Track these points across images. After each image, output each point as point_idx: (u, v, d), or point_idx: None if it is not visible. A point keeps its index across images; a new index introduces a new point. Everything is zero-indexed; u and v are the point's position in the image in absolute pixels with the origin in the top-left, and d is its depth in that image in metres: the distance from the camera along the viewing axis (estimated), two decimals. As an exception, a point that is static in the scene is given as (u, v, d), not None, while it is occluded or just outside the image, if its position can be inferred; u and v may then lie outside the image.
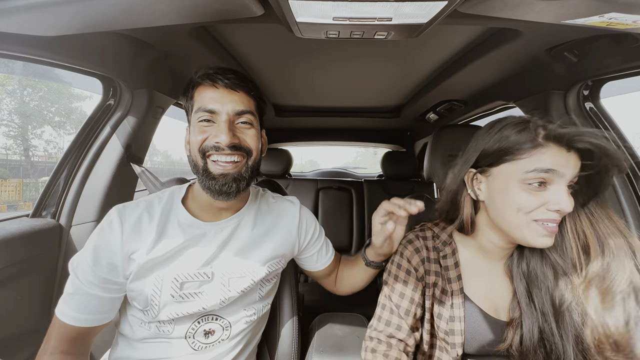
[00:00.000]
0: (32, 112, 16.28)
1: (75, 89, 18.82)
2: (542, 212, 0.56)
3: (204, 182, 0.68)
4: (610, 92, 1.00)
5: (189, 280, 0.71)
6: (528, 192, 0.57)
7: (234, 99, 0.69)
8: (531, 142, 0.56)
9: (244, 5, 0.60)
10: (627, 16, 0.52)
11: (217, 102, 0.68)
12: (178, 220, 0.73)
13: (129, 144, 1.07)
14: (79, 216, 1.02)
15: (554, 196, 0.55)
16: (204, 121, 0.68)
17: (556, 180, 0.55)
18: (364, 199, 2.27)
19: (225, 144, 0.66)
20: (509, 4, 0.55)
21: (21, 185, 8.97)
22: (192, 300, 0.71)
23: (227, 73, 0.69)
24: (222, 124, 0.67)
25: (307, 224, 0.88)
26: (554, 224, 0.56)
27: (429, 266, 0.71)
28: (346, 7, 0.56)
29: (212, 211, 0.75)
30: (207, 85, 0.69)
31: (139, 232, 0.69)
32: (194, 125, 0.70)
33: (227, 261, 0.74)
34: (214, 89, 0.69)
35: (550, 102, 1.02)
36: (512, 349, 0.63)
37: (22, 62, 0.77)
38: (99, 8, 0.55)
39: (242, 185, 0.70)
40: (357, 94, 1.66)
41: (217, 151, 0.67)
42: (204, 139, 0.68)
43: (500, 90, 1.27)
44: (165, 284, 0.69)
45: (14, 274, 0.82)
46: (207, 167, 0.68)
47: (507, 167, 0.59)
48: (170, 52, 0.99)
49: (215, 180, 0.67)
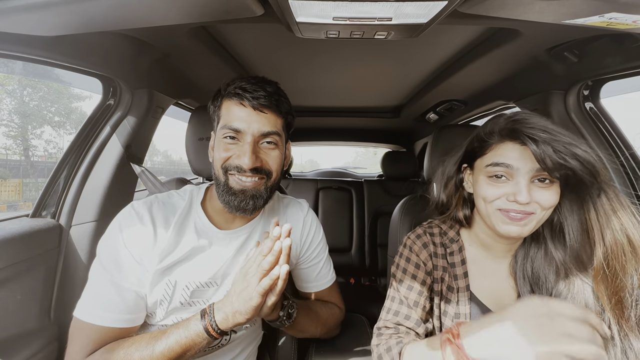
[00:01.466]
0: (32, 112, 16.28)
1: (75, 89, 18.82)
2: (503, 202, 0.61)
3: (223, 196, 0.69)
4: (610, 92, 1.00)
5: (200, 288, 0.71)
6: (489, 184, 0.62)
7: (261, 119, 0.68)
8: (493, 139, 0.63)
9: (244, 5, 0.60)
10: (627, 16, 0.52)
11: (243, 122, 0.67)
12: (195, 223, 0.72)
13: (129, 143, 1.07)
14: (79, 216, 1.01)
15: (512, 188, 0.59)
16: (229, 138, 0.68)
17: (515, 173, 0.59)
18: (364, 199, 2.27)
19: (248, 167, 0.66)
20: (509, 3, 0.55)
21: (21, 185, 8.97)
22: (199, 307, 0.71)
23: (257, 90, 0.67)
24: (246, 146, 0.66)
25: (310, 229, 0.86)
26: (517, 214, 0.59)
27: (437, 261, 0.72)
28: (346, 7, 0.56)
29: (227, 217, 0.75)
30: (235, 102, 0.68)
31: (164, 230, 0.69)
32: (219, 140, 0.70)
33: (235, 270, 0.74)
34: (242, 107, 0.67)
35: (550, 102, 1.02)
36: None
37: (22, 62, 0.77)
38: (99, 8, 0.55)
39: (260, 203, 0.70)
40: (357, 94, 1.66)
41: (239, 172, 0.67)
42: (227, 157, 0.68)
43: (500, 90, 1.27)
44: (177, 291, 0.69)
45: (14, 274, 0.82)
46: (227, 183, 0.69)
47: (479, 162, 0.66)
48: (170, 52, 0.99)
49: (235, 196, 0.68)
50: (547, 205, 0.59)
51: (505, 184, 0.60)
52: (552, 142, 0.55)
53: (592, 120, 1.01)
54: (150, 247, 0.67)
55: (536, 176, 0.59)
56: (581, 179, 0.56)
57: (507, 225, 0.61)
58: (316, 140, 2.67)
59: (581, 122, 1.01)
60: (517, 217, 0.59)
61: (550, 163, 0.54)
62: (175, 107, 1.28)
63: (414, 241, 0.75)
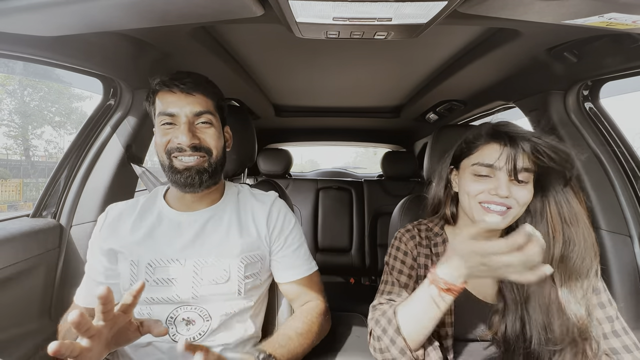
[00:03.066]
0: (32, 112, 16.29)
1: (76, 89, 18.82)
2: (485, 195, 0.68)
3: (170, 177, 0.76)
4: (610, 92, 1.00)
5: (162, 266, 0.76)
6: (474, 180, 0.71)
7: (191, 101, 0.75)
8: (479, 141, 0.72)
9: (244, 6, 0.60)
10: (626, 16, 0.52)
11: (175, 106, 0.74)
12: (158, 211, 0.81)
13: (130, 144, 1.07)
14: (79, 216, 1.02)
15: (494, 184, 0.67)
16: (166, 124, 0.75)
17: (497, 172, 0.67)
18: (364, 199, 2.27)
19: (186, 144, 0.73)
20: (509, 4, 0.55)
21: (21, 185, 8.98)
22: (165, 286, 0.75)
23: (183, 78, 0.75)
24: (182, 126, 0.73)
25: (278, 217, 0.85)
26: (497, 206, 0.67)
27: (421, 249, 0.82)
28: (346, 7, 0.56)
29: (185, 202, 0.82)
30: (165, 91, 0.75)
31: (119, 222, 0.80)
32: (157, 129, 0.77)
33: (199, 250, 0.78)
34: (172, 94, 0.75)
35: (550, 102, 1.02)
36: (497, 336, 0.70)
37: (22, 62, 0.77)
38: (99, 8, 0.56)
39: (205, 178, 0.76)
40: (357, 94, 1.66)
41: (180, 152, 0.74)
42: (168, 141, 0.75)
43: (500, 90, 1.27)
44: (140, 269, 0.75)
45: (14, 274, 0.82)
46: (172, 164, 0.75)
47: (465, 162, 0.74)
48: (170, 52, 0.99)
49: (180, 174, 0.75)
50: (523, 201, 0.67)
51: (488, 181, 0.69)
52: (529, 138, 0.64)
53: (592, 120, 1.01)
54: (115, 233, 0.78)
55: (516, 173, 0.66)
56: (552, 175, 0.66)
57: (486, 216, 0.69)
58: (316, 141, 2.67)
59: (581, 122, 1.01)
60: (497, 209, 0.68)
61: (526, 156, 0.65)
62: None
63: (403, 234, 0.84)
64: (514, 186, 0.66)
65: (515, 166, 0.65)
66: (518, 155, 0.65)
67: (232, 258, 0.78)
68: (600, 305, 0.70)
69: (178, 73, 0.77)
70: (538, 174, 0.68)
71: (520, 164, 0.65)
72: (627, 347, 0.66)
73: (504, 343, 0.69)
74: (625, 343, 0.67)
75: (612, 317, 0.69)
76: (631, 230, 0.93)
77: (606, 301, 0.70)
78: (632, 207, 0.95)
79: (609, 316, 0.69)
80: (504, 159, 0.66)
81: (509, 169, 0.65)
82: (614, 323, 0.68)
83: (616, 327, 0.68)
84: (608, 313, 0.69)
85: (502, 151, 0.67)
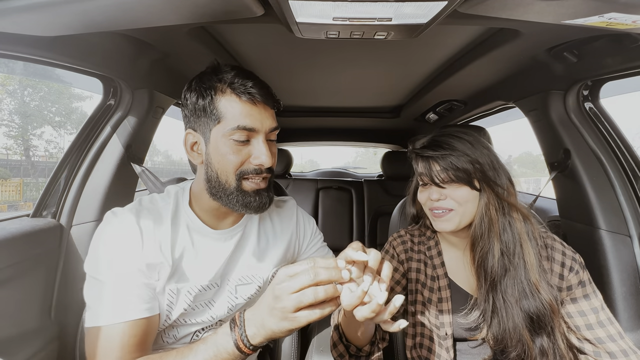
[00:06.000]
0: (32, 112, 16.28)
1: (76, 89, 18.83)
2: (430, 203, 0.75)
3: (237, 199, 0.65)
4: (610, 92, 1.00)
5: (202, 292, 0.69)
6: (420, 191, 0.79)
7: (269, 115, 0.66)
8: (411, 157, 0.79)
9: (244, 5, 0.60)
10: (626, 16, 0.52)
11: (256, 120, 0.63)
12: (188, 226, 0.70)
13: (130, 143, 1.07)
14: (80, 216, 1.02)
15: (430, 190, 0.74)
16: (239, 141, 0.63)
17: (425, 179, 0.75)
18: (364, 199, 2.27)
19: (268, 165, 0.64)
20: (509, 4, 0.55)
21: (22, 185, 8.98)
22: (202, 310, 0.71)
23: (260, 87, 0.64)
24: (263, 145, 0.64)
25: (305, 223, 0.88)
26: (439, 211, 0.74)
27: (412, 254, 0.85)
28: (346, 7, 0.56)
29: (217, 216, 0.72)
30: (244, 100, 0.63)
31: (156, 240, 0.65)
32: (224, 142, 0.63)
33: (235, 269, 0.74)
34: (253, 106, 0.63)
35: (550, 102, 1.02)
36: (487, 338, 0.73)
37: (22, 62, 0.77)
38: (99, 8, 0.56)
39: (270, 197, 0.70)
40: (357, 94, 1.66)
41: (258, 174, 0.65)
42: (242, 162, 0.64)
43: (500, 90, 1.27)
44: (180, 297, 0.67)
45: (14, 274, 0.82)
46: (241, 186, 0.65)
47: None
48: (170, 52, 0.99)
49: (254, 198, 0.66)
50: (460, 199, 0.72)
51: (427, 190, 0.76)
52: (436, 156, 0.72)
53: (592, 120, 1.01)
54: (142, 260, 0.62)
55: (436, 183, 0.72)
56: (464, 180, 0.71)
57: (435, 222, 0.75)
58: (316, 140, 2.67)
59: (581, 122, 1.01)
60: (438, 213, 0.74)
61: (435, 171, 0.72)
62: (175, 107, 1.28)
63: (395, 238, 0.88)
64: (448, 189, 0.72)
65: (431, 176, 0.72)
66: (432, 165, 0.73)
67: (266, 271, 0.77)
68: (585, 297, 0.72)
69: (251, 78, 0.65)
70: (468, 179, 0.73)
71: (436, 173, 0.72)
72: (612, 336, 0.69)
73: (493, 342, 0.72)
74: (610, 333, 0.69)
75: (597, 309, 0.71)
76: (631, 230, 0.93)
77: (591, 293, 0.73)
78: (632, 207, 0.95)
79: (594, 307, 0.71)
80: (424, 170, 0.74)
81: (430, 177, 0.73)
82: (599, 314, 0.71)
83: (601, 317, 0.71)
84: (593, 304, 0.71)
85: (422, 163, 0.75)
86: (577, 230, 1.05)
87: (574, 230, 1.06)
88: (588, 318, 0.71)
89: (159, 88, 1.10)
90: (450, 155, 0.71)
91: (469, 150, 0.71)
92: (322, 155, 43.17)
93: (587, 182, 0.98)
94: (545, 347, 0.67)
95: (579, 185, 1.00)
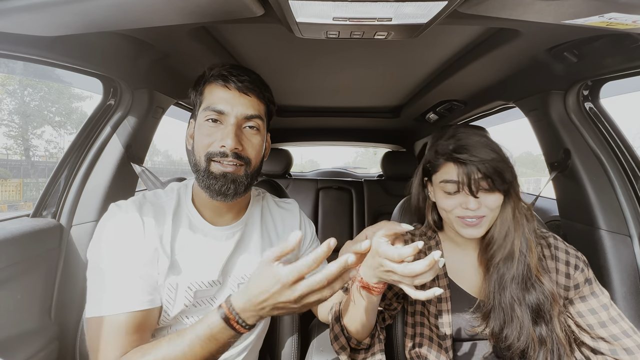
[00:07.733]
0: (32, 112, 16.29)
1: (76, 89, 18.85)
2: (460, 210, 0.71)
3: (204, 181, 0.68)
4: (610, 92, 1.00)
5: (203, 289, 0.70)
6: (446, 197, 0.73)
7: (245, 102, 0.68)
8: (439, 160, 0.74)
9: (244, 6, 0.60)
10: (627, 16, 0.52)
11: (227, 104, 0.67)
12: (189, 221, 0.71)
13: (130, 143, 1.07)
14: (80, 216, 1.01)
15: (464, 198, 0.70)
16: (210, 121, 0.68)
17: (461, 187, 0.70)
18: (364, 199, 2.27)
19: (230, 148, 0.66)
20: (509, 4, 0.55)
21: (22, 185, 8.98)
22: (205, 307, 0.71)
23: (241, 75, 0.68)
24: (230, 127, 0.67)
25: (307, 227, 0.89)
26: (472, 219, 0.71)
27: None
28: (346, 7, 0.56)
29: (217, 212, 0.74)
30: (218, 85, 0.68)
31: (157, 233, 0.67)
32: (200, 125, 0.69)
33: (237, 266, 0.74)
34: (226, 90, 0.68)
35: (550, 102, 1.02)
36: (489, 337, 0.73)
37: (22, 62, 0.77)
38: (99, 8, 0.56)
39: (240, 189, 0.70)
40: (357, 94, 1.66)
41: (223, 157, 0.67)
42: (210, 142, 0.67)
43: (500, 90, 1.27)
44: (179, 293, 0.67)
45: (14, 274, 0.82)
46: (209, 168, 0.68)
47: (435, 178, 0.76)
48: (170, 52, 0.99)
49: (216, 181, 0.67)
50: (493, 206, 0.70)
51: (458, 196, 0.71)
52: (477, 163, 0.67)
53: (592, 120, 1.01)
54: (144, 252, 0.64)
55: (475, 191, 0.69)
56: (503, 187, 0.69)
57: (465, 230, 0.72)
58: (316, 140, 2.67)
59: (581, 122, 1.01)
60: (472, 222, 0.71)
61: (475, 180, 0.68)
62: (175, 107, 1.28)
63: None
64: (481, 197, 0.70)
65: (470, 185, 0.68)
66: (472, 173, 0.68)
67: None
68: (594, 294, 0.73)
69: (236, 68, 0.70)
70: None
71: (477, 181, 0.69)
72: (626, 332, 0.69)
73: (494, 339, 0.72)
74: (623, 328, 0.70)
75: (606, 305, 0.72)
76: (631, 230, 0.93)
77: (598, 290, 0.73)
78: (632, 207, 0.95)
79: (603, 304, 0.72)
80: (463, 178, 0.69)
81: (469, 187, 0.69)
82: (610, 310, 0.71)
83: (612, 313, 0.71)
84: (602, 301, 0.72)
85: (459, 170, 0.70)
86: (577, 230, 1.05)
87: (574, 230, 1.06)
88: (600, 315, 0.70)
89: (159, 88, 1.10)
90: (493, 160, 0.67)
91: (502, 154, 0.70)
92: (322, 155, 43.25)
93: (587, 182, 0.98)
94: (543, 335, 0.68)
95: (579, 185, 1.00)
